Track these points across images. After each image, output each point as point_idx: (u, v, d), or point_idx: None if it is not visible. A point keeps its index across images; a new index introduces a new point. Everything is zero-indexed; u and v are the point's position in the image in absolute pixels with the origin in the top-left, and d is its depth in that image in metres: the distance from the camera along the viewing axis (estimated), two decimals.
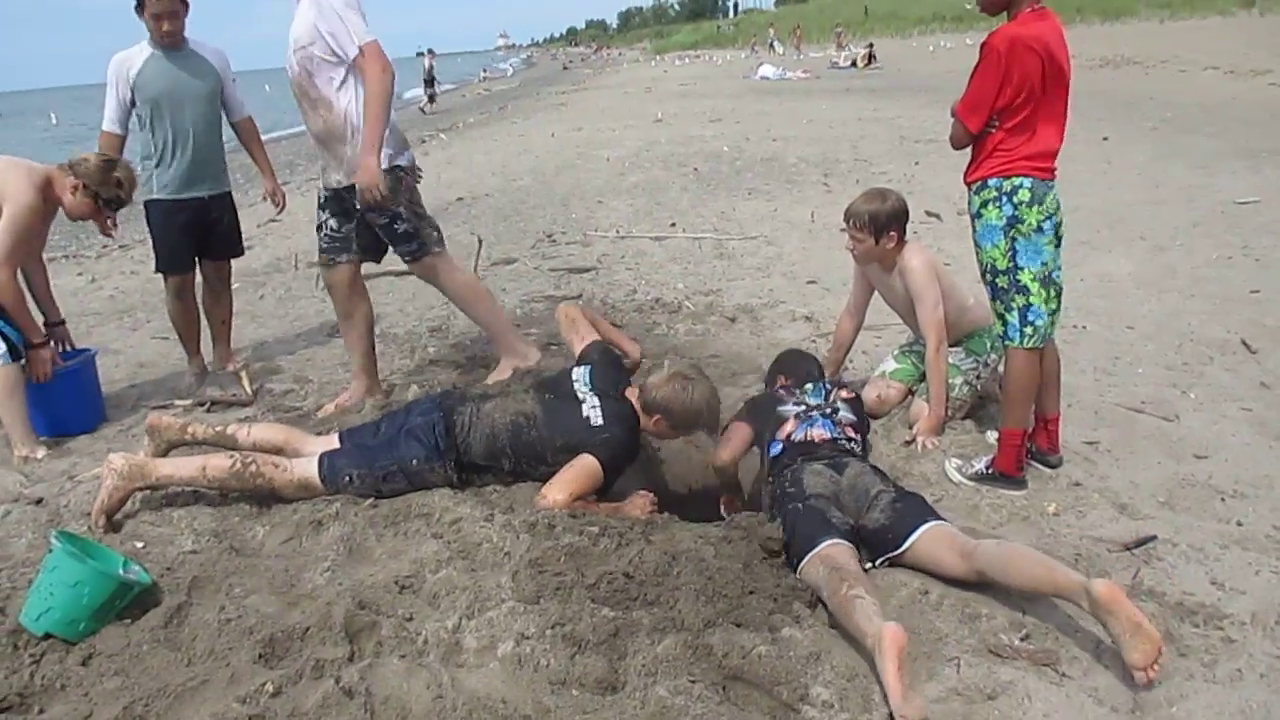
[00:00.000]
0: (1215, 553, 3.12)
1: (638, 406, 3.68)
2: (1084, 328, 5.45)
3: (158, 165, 4.99)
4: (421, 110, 30.93)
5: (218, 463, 3.50)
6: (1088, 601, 2.52)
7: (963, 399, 4.15)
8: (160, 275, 5.27)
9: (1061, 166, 3.52)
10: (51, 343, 4.46)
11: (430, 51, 35.18)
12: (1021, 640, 2.67)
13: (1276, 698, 2.44)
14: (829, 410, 3.66)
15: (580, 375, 3.78)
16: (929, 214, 8.62)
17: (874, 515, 3.10)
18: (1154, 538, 3.18)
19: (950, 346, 4.09)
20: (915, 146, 12.92)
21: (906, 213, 4.12)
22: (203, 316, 5.40)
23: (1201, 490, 3.58)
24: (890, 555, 3.02)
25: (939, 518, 3.08)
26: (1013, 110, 3.35)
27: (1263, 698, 2.43)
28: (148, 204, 5.06)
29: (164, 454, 3.81)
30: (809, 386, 3.80)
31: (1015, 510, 3.42)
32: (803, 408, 3.66)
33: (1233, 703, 2.43)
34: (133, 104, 4.91)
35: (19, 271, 4.29)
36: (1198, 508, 3.45)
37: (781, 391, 3.82)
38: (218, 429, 3.85)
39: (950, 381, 4.06)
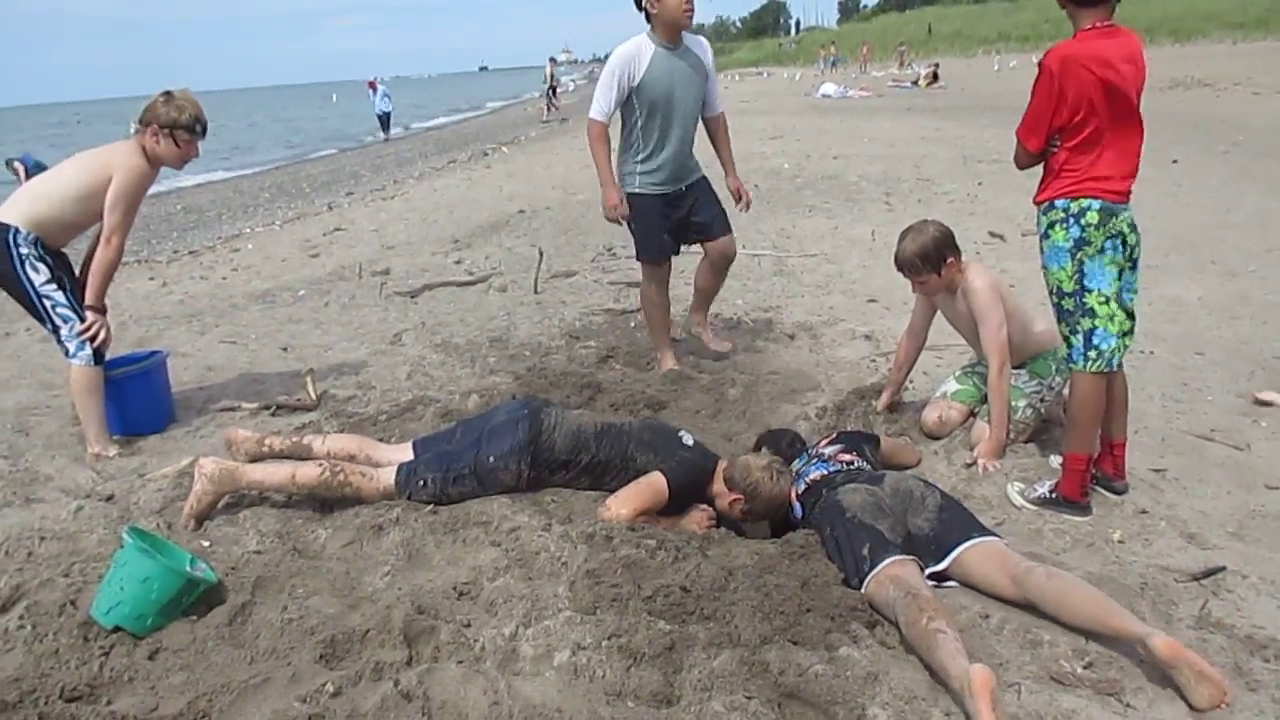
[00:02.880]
0: None
1: (720, 476, 3.62)
2: (1152, 353, 5.34)
3: (644, 159, 5.02)
4: (543, 121, 31.76)
5: (307, 471, 3.57)
6: (1145, 652, 2.50)
7: (1026, 422, 4.10)
8: (644, 265, 5.32)
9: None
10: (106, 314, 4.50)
11: (552, 60, 36.65)
12: (1084, 668, 2.63)
13: None
14: (814, 459, 3.64)
15: (688, 433, 3.82)
16: (993, 234, 8.53)
17: (918, 521, 3.07)
18: (1223, 568, 3.11)
19: (1014, 368, 4.04)
20: (978, 166, 12.78)
21: (951, 235, 4.09)
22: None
23: (1273, 521, 3.49)
24: (934, 569, 2.99)
25: (988, 533, 3.04)
26: (1073, 129, 3.32)
27: None
28: (629, 196, 5.07)
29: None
30: (795, 464, 3.73)
31: (1079, 536, 3.36)
32: (794, 473, 3.63)
33: None
34: (629, 98, 4.92)
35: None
36: (1269, 539, 3.37)
37: None
38: (294, 440, 3.95)
39: (1013, 404, 4.01)
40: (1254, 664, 2.65)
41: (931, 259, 4.04)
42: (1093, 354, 3.43)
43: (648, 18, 4.90)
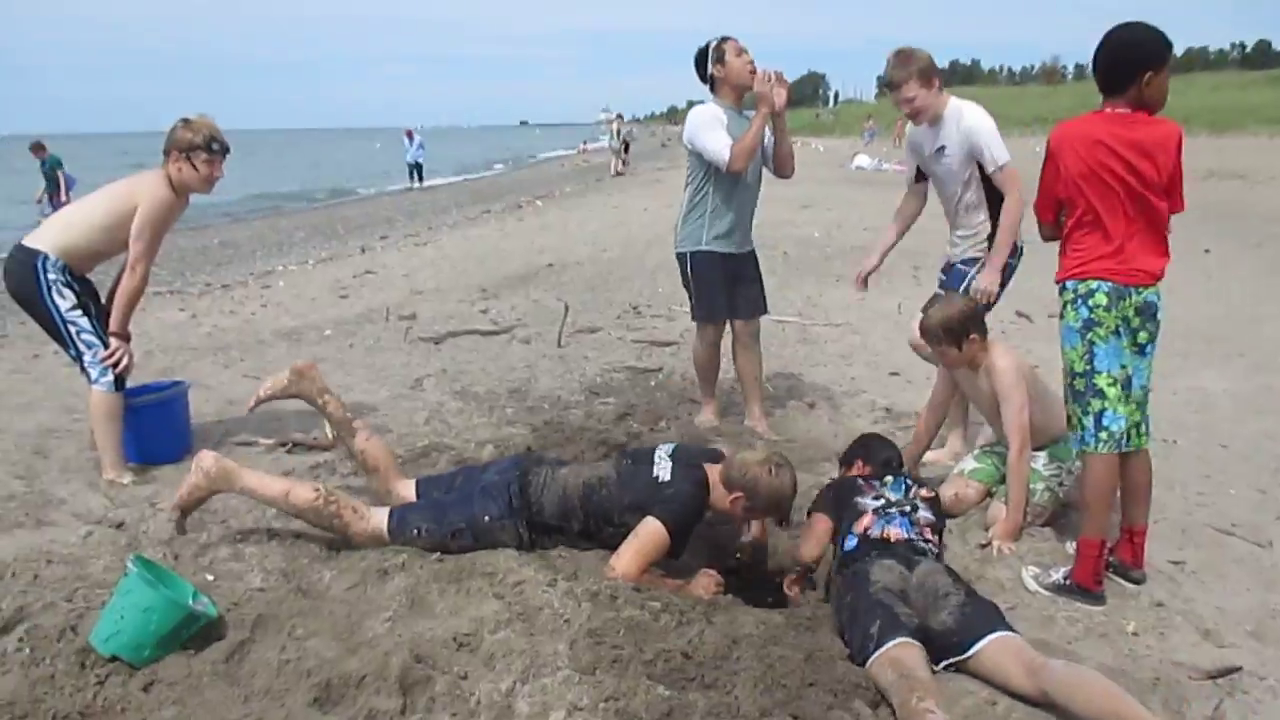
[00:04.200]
0: None
1: (716, 480, 3.60)
2: (1175, 442, 5.28)
3: (714, 217, 5.14)
4: (618, 172, 32.66)
5: (301, 493, 3.57)
6: None
7: (1043, 505, 4.04)
8: (700, 324, 5.41)
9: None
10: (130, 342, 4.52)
11: (619, 117, 38.02)
12: None
13: None
14: (907, 508, 3.55)
15: (664, 449, 3.79)
16: (1020, 314, 8.49)
17: (941, 617, 3.01)
18: (1239, 669, 3.03)
19: (1035, 450, 4.00)
20: None
21: (979, 312, 4.11)
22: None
23: None
24: (954, 660, 2.93)
25: (1009, 628, 2.98)
26: (1069, 206, 3.43)
27: None
28: (693, 255, 5.20)
29: (289, 396, 4.04)
30: (889, 480, 3.69)
31: (1092, 626, 3.29)
32: (881, 502, 3.55)
33: None
34: (700, 159, 5.05)
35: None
36: None
37: (860, 482, 3.73)
38: (346, 415, 4.01)
39: (1032, 486, 3.96)
40: None
41: (954, 332, 4.04)
42: (1103, 435, 3.41)
43: (712, 84, 5.08)
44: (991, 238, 4.66)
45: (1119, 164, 3.30)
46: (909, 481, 3.72)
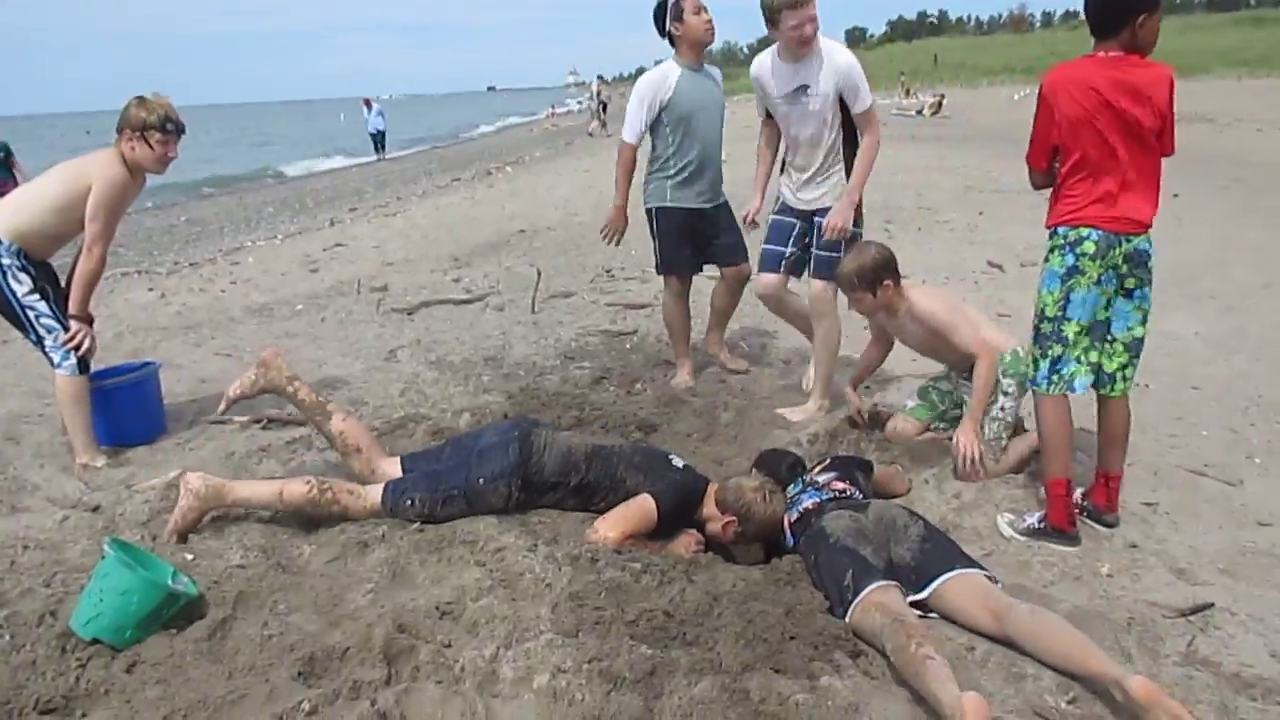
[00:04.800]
0: (1276, 624, 3.01)
1: (710, 497, 3.60)
2: (1147, 386, 5.32)
3: (674, 174, 5.20)
4: (590, 135, 32.57)
5: (295, 489, 3.55)
6: (1121, 694, 2.48)
7: (996, 436, 4.13)
8: (665, 278, 5.54)
9: None
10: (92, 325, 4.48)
11: (600, 79, 38.01)
12: (1068, 704, 2.60)
13: None
14: (808, 485, 3.62)
15: (677, 457, 3.84)
16: (991, 264, 8.54)
17: (901, 551, 3.06)
18: (1211, 605, 3.09)
19: (966, 379, 4.18)
20: (980, 196, 12.79)
21: (893, 259, 4.19)
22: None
23: (1264, 559, 3.46)
24: (913, 598, 2.96)
25: (972, 565, 3.02)
26: (1064, 152, 3.41)
27: None
28: (657, 210, 5.30)
29: (257, 393, 3.97)
30: (790, 489, 3.69)
31: (1067, 569, 3.34)
32: (788, 499, 3.61)
33: None
34: (659, 117, 5.11)
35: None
36: (1259, 576, 3.34)
37: None
38: (319, 399, 3.94)
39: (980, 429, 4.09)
40: (1240, 702, 2.62)
41: (867, 278, 4.14)
42: (1055, 377, 3.50)
43: (671, 41, 5.09)
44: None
45: (1113, 108, 3.29)
46: (804, 479, 3.72)
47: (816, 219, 4.77)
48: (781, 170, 5.00)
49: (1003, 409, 4.15)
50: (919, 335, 4.27)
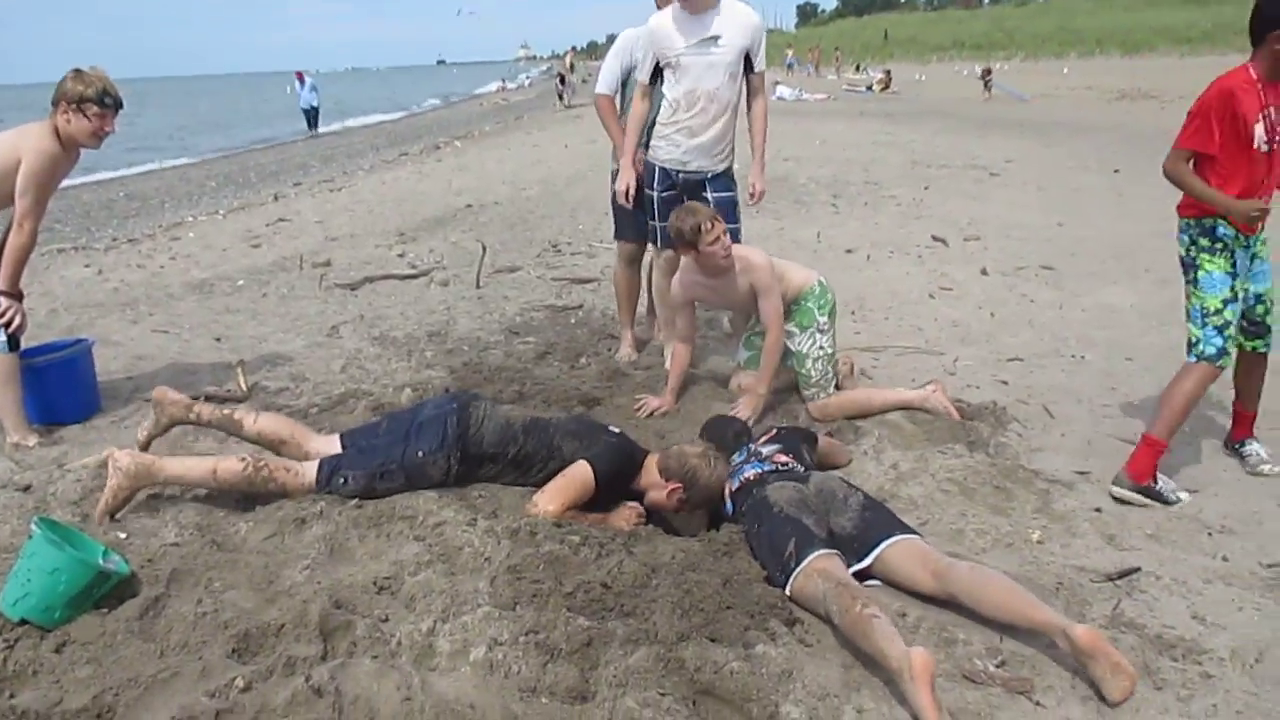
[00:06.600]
0: (1199, 587, 3.10)
1: (651, 466, 3.60)
2: (1083, 357, 5.44)
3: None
4: (558, 108, 32.32)
5: (229, 466, 3.49)
6: (1066, 643, 2.55)
7: (823, 374, 4.46)
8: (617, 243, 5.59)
9: (1071, 197, 3.62)
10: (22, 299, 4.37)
11: (573, 49, 37.61)
12: (997, 666, 2.66)
13: None
14: (751, 455, 3.65)
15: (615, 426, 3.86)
16: (935, 238, 8.63)
17: (841, 521, 3.10)
18: (1138, 569, 3.17)
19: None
20: (927, 171, 12.92)
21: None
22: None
23: (1189, 524, 3.56)
24: (856, 567, 3.01)
25: (910, 531, 3.07)
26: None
27: None
28: (613, 173, 5.29)
29: (165, 430, 3.87)
30: (734, 458, 3.71)
31: (999, 537, 3.40)
32: (731, 468, 3.63)
33: None
34: (627, 75, 5.12)
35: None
36: (1185, 541, 3.44)
37: None
38: (224, 413, 3.84)
39: (802, 371, 4.45)
40: (1162, 663, 2.69)
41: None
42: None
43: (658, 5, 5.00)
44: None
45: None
46: (749, 446, 3.75)
47: (710, 186, 4.86)
48: (649, 136, 4.94)
49: (821, 348, 4.39)
50: (745, 293, 4.46)
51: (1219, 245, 3.73)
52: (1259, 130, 3.56)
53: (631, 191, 4.96)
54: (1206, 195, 3.60)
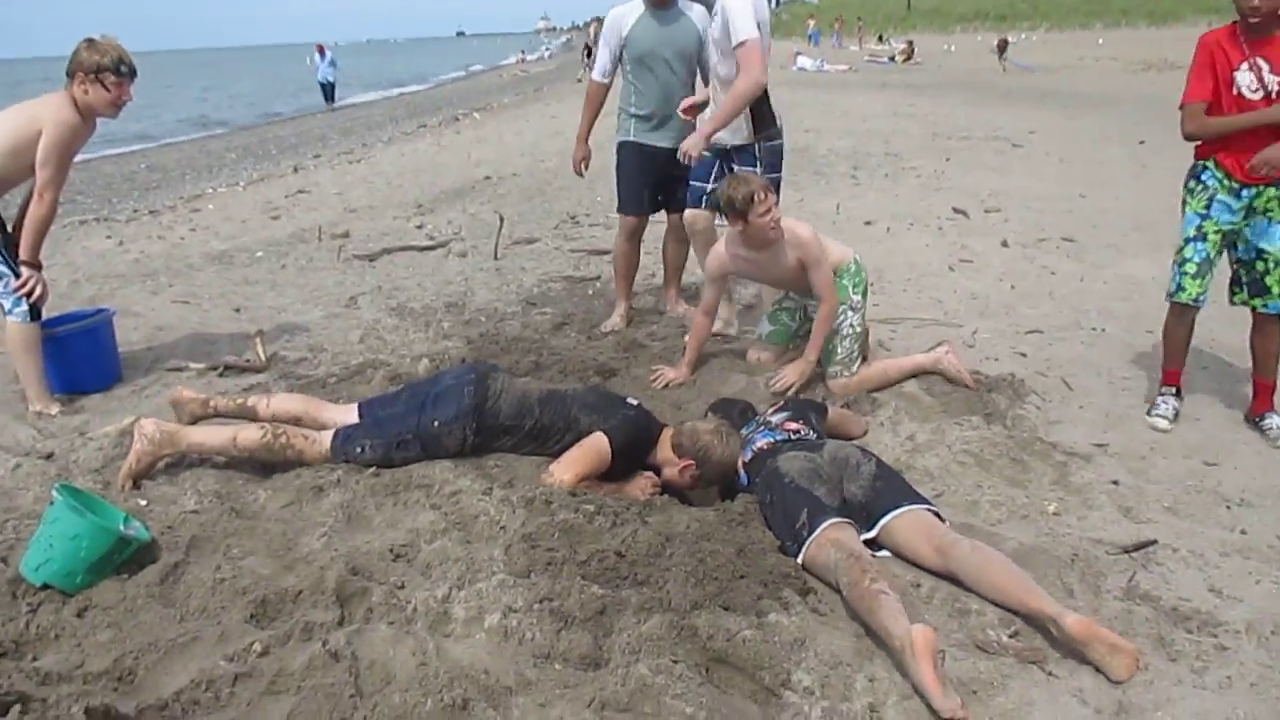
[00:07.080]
0: (1215, 560, 3.08)
1: (665, 441, 3.59)
2: (1104, 330, 5.39)
3: (635, 107, 5.26)
4: (580, 78, 31.63)
5: (249, 434, 3.53)
6: (1058, 631, 2.56)
7: (849, 352, 4.44)
8: (619, 215, 5.55)
9: (1094, 169, 3.57)
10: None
11: (598, 19, 37.66)
12: (1010, 637, 2.66)
13: (1265, 707, 2.41)
14: (761, 424, 3.66)
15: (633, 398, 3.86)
16: (956, 210, 8.56)
17: (852, 489, 3.11)
18: (1154, 542, 3.15)
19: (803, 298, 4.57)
20: (948, 143, 12.80)
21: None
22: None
23: (1208, 497, 3.54)
24: (865, 537, 3.01)
25: (921, 501, 3.07)
26: None
27: (1250, 706, 2.40)
28: (620, 145, 5.39)
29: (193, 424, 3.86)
30: (743, 431, 3.72)
31: (1015, 508, 3.39)
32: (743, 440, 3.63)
33: (1219, 710, 2.40)
34: (620, 58, 5.23)
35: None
36: (1202, 514, 3.42)
37: None
38: (239, 401, 3.89)
39: (831, 346, 4.40)
40: (1177, 635, 2.68)
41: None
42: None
43: None
44: (756, 122, 4.82)
45: None
46: (757, 419, 3.77)
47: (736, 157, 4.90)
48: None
49: (852, 325, 4.39)
50: (789, 266, 4.42)
51: (1199, 187, 4.01)
52: (1239, 77, 3.76)
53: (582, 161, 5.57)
54: (1239, 121, 3.81)
